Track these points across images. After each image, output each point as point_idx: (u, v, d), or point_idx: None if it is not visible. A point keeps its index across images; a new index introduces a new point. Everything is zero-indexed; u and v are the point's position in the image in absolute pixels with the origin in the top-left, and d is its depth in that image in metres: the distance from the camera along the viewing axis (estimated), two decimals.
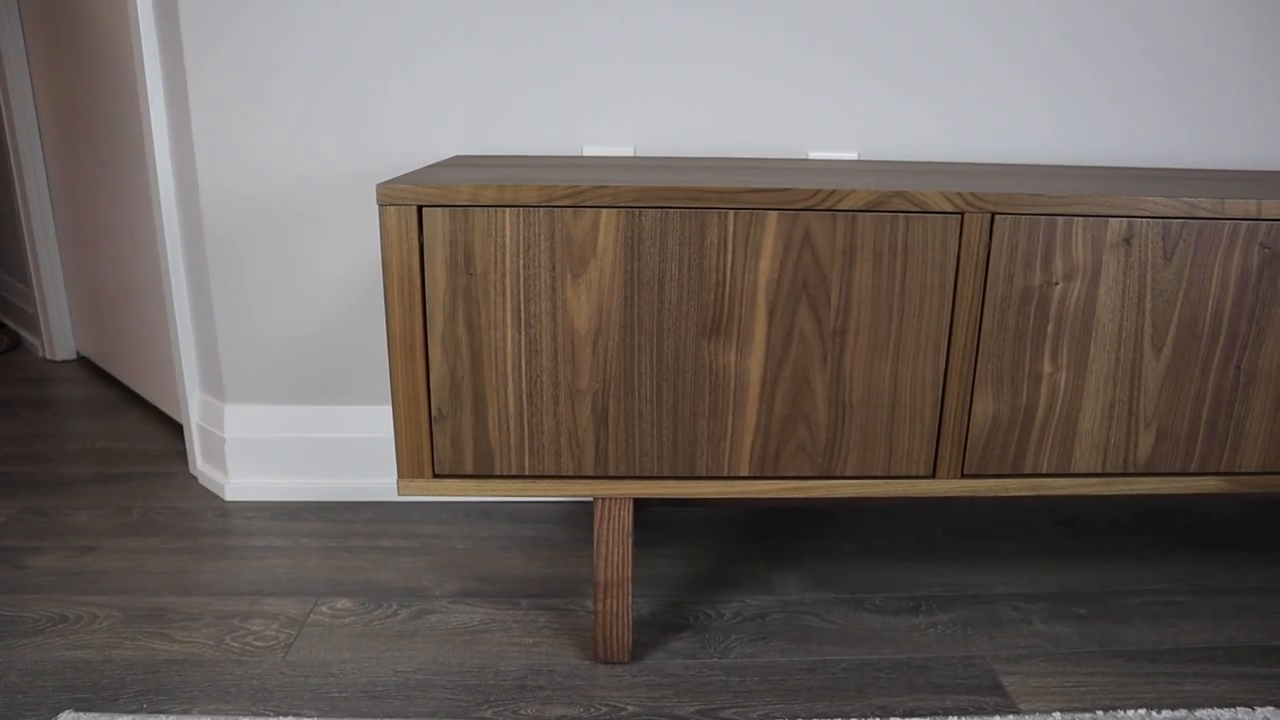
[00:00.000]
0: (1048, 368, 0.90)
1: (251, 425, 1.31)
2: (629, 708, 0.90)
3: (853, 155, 1.22)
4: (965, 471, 0.93)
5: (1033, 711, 0.91)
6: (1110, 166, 1.28)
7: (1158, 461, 0.95)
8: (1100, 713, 0.91)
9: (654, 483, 0.91)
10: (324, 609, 1.06)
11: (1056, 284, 0.88)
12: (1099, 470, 0.94)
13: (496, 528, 1.26)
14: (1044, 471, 0.94)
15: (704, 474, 0.91)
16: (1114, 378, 0.91)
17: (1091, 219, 0.87)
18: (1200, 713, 0.92)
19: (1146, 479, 0.95)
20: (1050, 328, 0.89)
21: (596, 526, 0.93)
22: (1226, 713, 0.92)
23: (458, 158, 1.19)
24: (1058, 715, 0.91)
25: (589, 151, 1.22)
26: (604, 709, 0.90)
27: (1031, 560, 1.21)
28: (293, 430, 1.30)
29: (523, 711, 0.89)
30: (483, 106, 1.22)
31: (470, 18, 1.19)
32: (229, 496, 1.32)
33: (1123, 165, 1.30)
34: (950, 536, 1.26)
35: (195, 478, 1.37)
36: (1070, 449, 0.93)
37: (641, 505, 1.34)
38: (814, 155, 1.22)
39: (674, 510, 1.33)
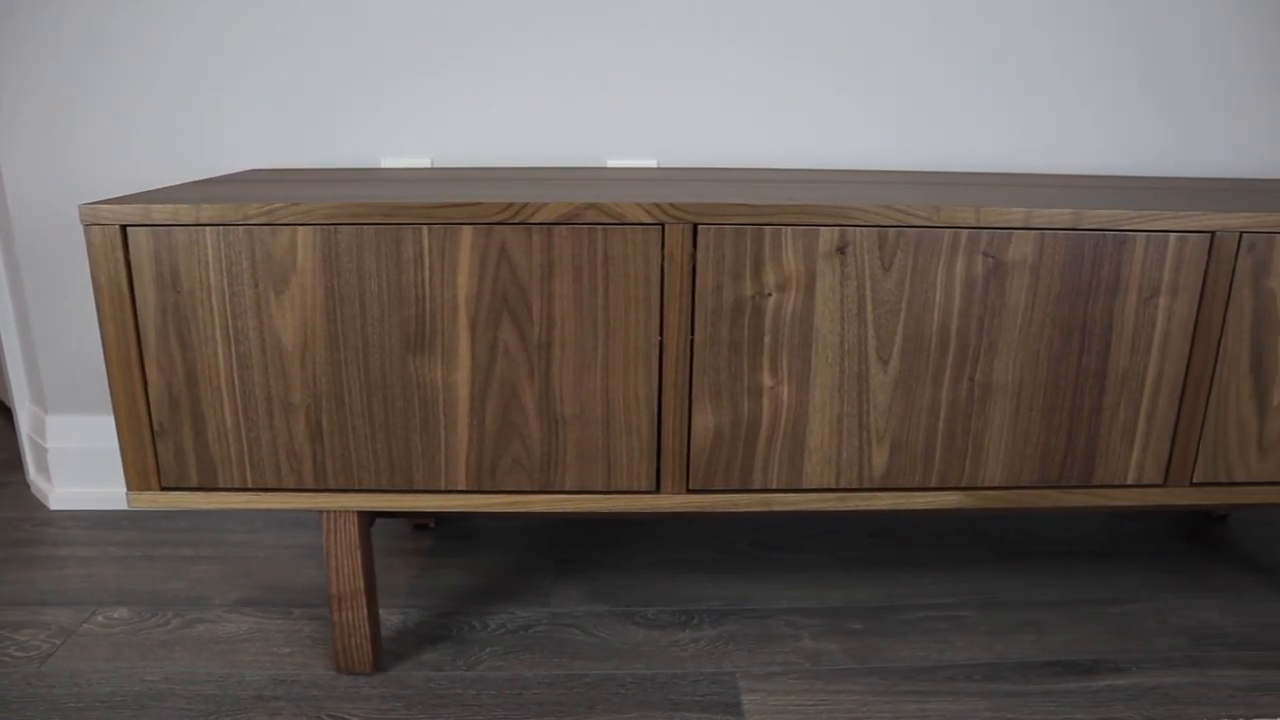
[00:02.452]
0: (768, 381, 0.89)
1: (73, 435, 1.33)
2: (353, 719, 0.91)
3: (651, 163, 1.21)
4: (691, 487, 0.91)
5: None
6: (921, 171, 1.26)
7: (895, 476, 0.93)
8: None
9: (374, 496, 0.91)
10: (99, 618, 1.08)
11: (769, 295, 0.86)
12: (833, 485, 0.92)
13: (305, 536, 1.27)
14: (774, 487, 0.92)
15: (422, 487, 0.91)
16: (840, 391, 0.89)
17: (802, 228, 0.85)
18: None
19: (885, 494, 0.93)
20: (767, 340, 0.87)
21: (324, 539, 0.93)
22: None
23: (252, 171, 1.20)
24: None
25: (386, 164, 1.22)
26: None
27: (830, 573, 1.18)
28: (113, 440, 1.32)
29: None
30: (286, 119, 1.22)
31: (272, 33, 1.19)
32: (53, 506, 1.34)
33: (947, 169, 1.28)
34: (755, 548, 1.24)
35: (29, 488, 1.41)
36: (800, 463, 0.91)
37: (445, 516, 1.33)
38: (612, 164, 1.21)
39: (477, 520, 1.32)
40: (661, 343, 0.87)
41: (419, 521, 1.28)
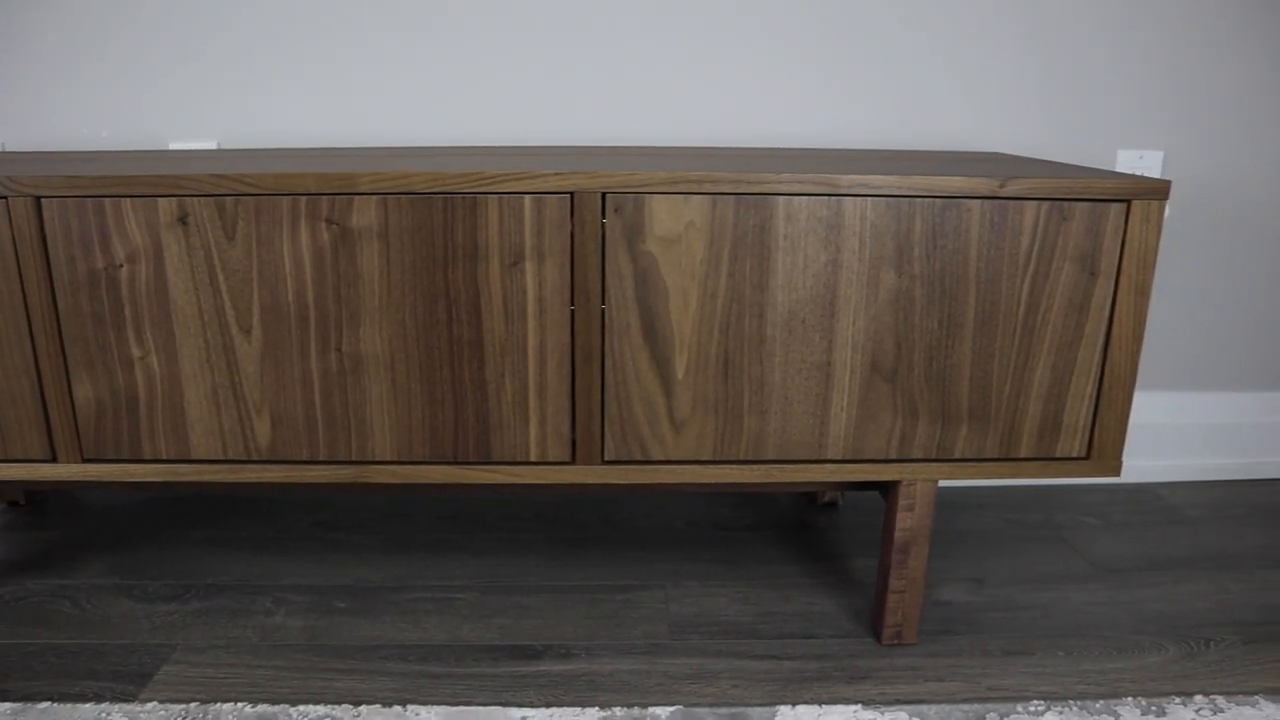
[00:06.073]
0: (136, 351, 0.88)
1: None
2: None
3: (212, 144, 1.22)
4: (85, 456, 0.92)
5: (143, 700, 0.88)
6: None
7: (282, 449, 0.91)
8: (196, 704, 0.89)
9: None
10: None
11: (121, 266, 0.86)
12: (221, 457, 0.91)
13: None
14: (165, 457, 0.92)
15: None
16: (209, 362, 0.88)
17: (141, 199, 0.85)
18: (301, 707, 0.88)
19: (275, 467, 0.92)
20: (128, 310, 0.87)
21: None
22: (321, 709, 0.88)
23: None
24: (154, 704, 0.89)
25: None
26: None
27: (368, 553, 1.16)
28: None
29: None
30: None
31: None
32: None
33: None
34: (315, 528, 1.23)
35: None
36: (185, 434, 0.91)
37: (39, 492, 1.32)
38: (174, 146, 1.23)
39: (88, 495, 1.34)
40: (29, 314, 0.87)
41: (10, 498, 1.32)
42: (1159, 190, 0.87)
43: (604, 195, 0.84)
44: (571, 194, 0.84)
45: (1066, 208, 0.86)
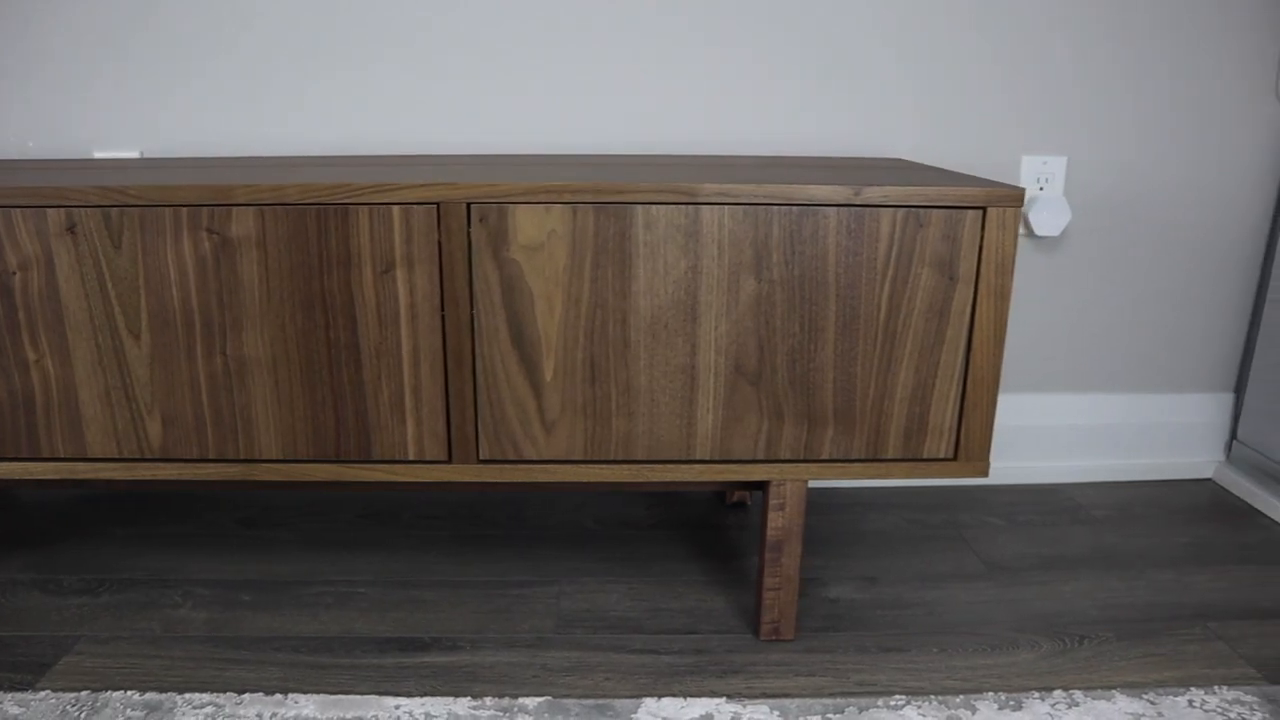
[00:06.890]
0: (31, 355, 0.92)
1: None
2: None
3: (135, 154, 1.26)
4: None
5: (38, 689, 0.92)
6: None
7: (173, 448, 0.95)
8: (88, 692, 0.92)
9: None
10: None
11: (15, 274, 0.90)
12: (116, 455, 0.95)
13: None
14: (63, 456, 0.96)
15: None
16: (101, 365, 0.92)
17: (31, 209, 0.88)
18: (188, 695, 0.91)
19: (167, 465, 0.95)
20: (22, 316, 0.91)
21: None
22: (206, 696, 0.91)
23: None
24: (47, 692, 0.93)
25: None
26: None
27: (284, 549, 1.20)
28: None
29: None
30: None
31: None
32: None
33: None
34: (237, 525, 1.27)
35: None
36: (81, 434, 0.95)
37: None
38: (98, 154, 1.27)
39: (22, 493, 1.38)
40: None
41: None
42: (1013, 198, 0.89)
43: (469, 205, 0.87)
44: (438, 204, 0.87)
45: (923, 214, 0.89)
